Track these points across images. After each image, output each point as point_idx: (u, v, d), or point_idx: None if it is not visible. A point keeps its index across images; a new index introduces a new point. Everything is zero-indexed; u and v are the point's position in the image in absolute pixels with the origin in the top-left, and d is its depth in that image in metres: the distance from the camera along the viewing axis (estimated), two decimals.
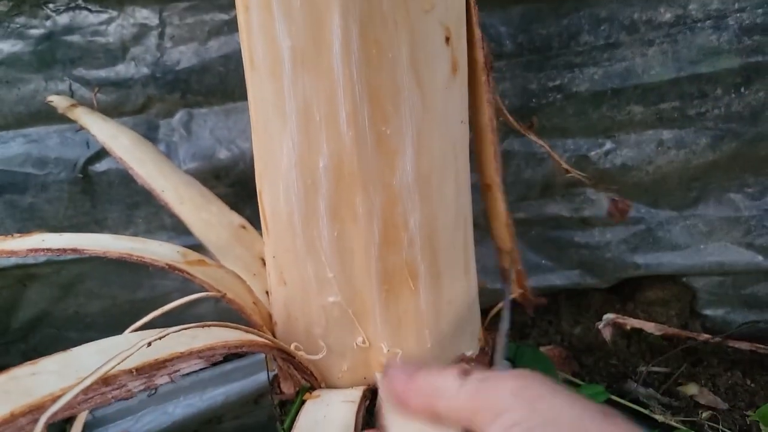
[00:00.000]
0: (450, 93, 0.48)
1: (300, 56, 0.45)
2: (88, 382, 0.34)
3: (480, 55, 0.50)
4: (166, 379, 0.41)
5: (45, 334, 0.84)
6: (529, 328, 0.85)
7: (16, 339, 0.85)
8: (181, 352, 0.42)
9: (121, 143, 0.62)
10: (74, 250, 0.52)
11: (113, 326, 0.83)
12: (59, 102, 0.64)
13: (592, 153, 0.70)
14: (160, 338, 0.39)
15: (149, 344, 0.38)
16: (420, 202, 0.49)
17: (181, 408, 0.72)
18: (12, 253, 0.52)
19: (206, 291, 0.55)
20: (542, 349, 0.78)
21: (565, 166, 0.64)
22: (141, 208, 0.75)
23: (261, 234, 0.65)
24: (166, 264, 0.53)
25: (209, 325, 0.44)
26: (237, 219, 0.63)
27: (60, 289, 0.79)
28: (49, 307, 0.81)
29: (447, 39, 0.46)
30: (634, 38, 0.66)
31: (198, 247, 0.61)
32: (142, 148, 0.63)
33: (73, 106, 0.64)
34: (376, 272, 0.50)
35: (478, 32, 0.49)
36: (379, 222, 0.49)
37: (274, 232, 0.53)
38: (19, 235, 0.54)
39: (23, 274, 0.78)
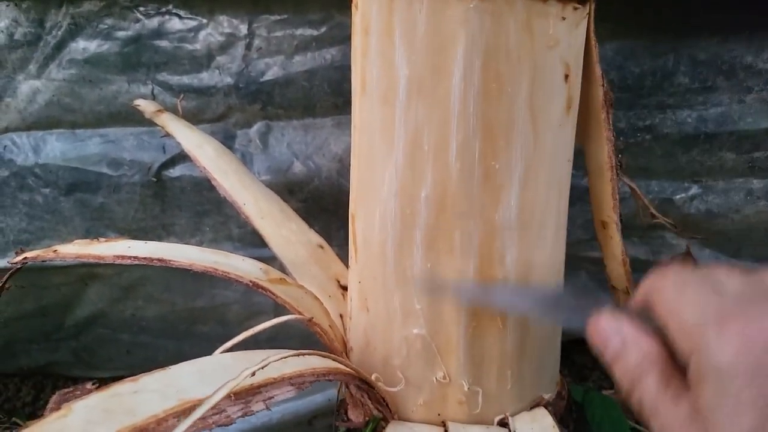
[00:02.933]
0: (562, 131, 0.47)
1: (417, 85, 0.44)
2: (200, 413, 0.33)
3: (599, 93, 0.49)
4: (261, 405, 0.40)
5: (97, 334, 0.84)
6: (588, 370, 0.83)
7: (68, 336, 0.84)
8: (274, 378, 0.41)
9: (205, 153, 0.61)
10: (161, 260, 0.51)
11: (168, 332, 0.83)
12: (146, 106, 0.64)
13: (677, 197, 0.69)
14: (262, 367, 0.38)
15: (253, 374, 0.37)
16: (519, 239, 0.48)
17: (236, 424, 0.70)
18: (99, 258, 0.51)
19: (284, 308, 0.54)
20: (605, 392, 0.76)
21: (651, 210, 0.62)
22: (209, 217, 0.75)
23: (337, 254, 0.64)
24: (251, 281, 0.52)
25: (302, 353, 0.43)
26: (315, 238, 0.62)
27: (120, 291, 0.79)
28: (107, 308, 0.81)
29: (566, 76, 0.45)
30: (732, 83, 0.64)
31: (264, 260, 0.60)
32: (226, 159, 0.62)
33: (159, 111, 0.64)
34: (465, 308, 0.49)
35: (598, 70, 0.48)
36: (476, 256, 0.47)
37: (364, 257, 0.52)
38: (104, 239, 0.53)
39: (87, 272, 0.78)
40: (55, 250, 0.52)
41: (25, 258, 0.52)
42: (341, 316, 0.60)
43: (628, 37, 0.66)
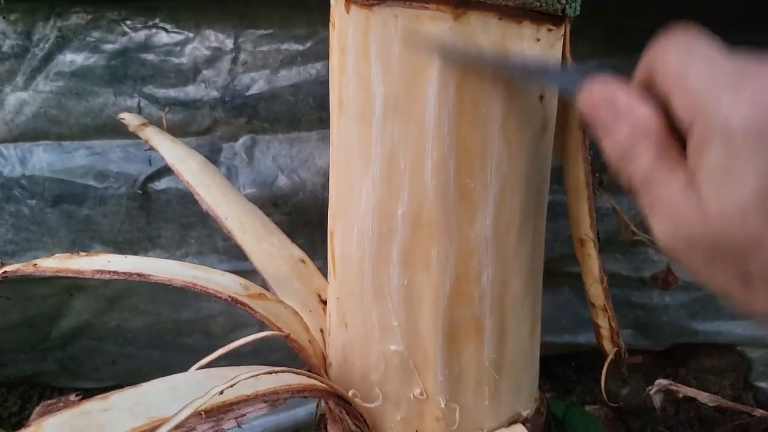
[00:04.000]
0: (537, 150, 0.47)
1: (392, 104, 0.44)
2: (165, 431, 0.33)
3: (576, 113, 0.49)
4: (233, 423, 0.40)
5: (84, 345, 0.84)
6: (573, 383, 0.83)
7: (54, 347, 0.84)
8: (247, 395, 0.41)
9: (189, 167, 0.62)
10: (140, 275, 0.51)
11: (153, 343, 0.83)
12: (130, 120, 0.64)
13: None
14: (231, 386, 0.38)
15: (221, 392, 0.37)
16: (495, 258, 0.48)
17: None
18: (78, 272, 0.52)
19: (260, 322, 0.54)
20: (588, 408, 0.76)
21: (632, 227, 0.62)
22: (195, 229, 0.75)
23: (318, 268, 0.64)
24: (229, 296, 0.52)
25: (275, 371, 0.43)
26: (297, 252, 0.62)
27: (106, 302, 0.79)
28: (92, 319, 0.81)
29: (541, 97, 0.45)
30: None
31: (249, 273, 0.61)
32: (209, 173, 0.62)
33: (143, 125, 0.64)
34: (442, 324, 0.49)
35: None
36: (452, 274, 0.48)
37: (342, 274, 0.52)
38: (85, 253, 0.53)
39: (71, 284, 0.78)
40: (35, 265, 0.52)
41: (5, 272, 0.52)
42: (321, 330, 0.60)
43: (609, 55, 0.67)
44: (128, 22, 0.70)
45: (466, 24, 0.42)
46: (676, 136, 0.30)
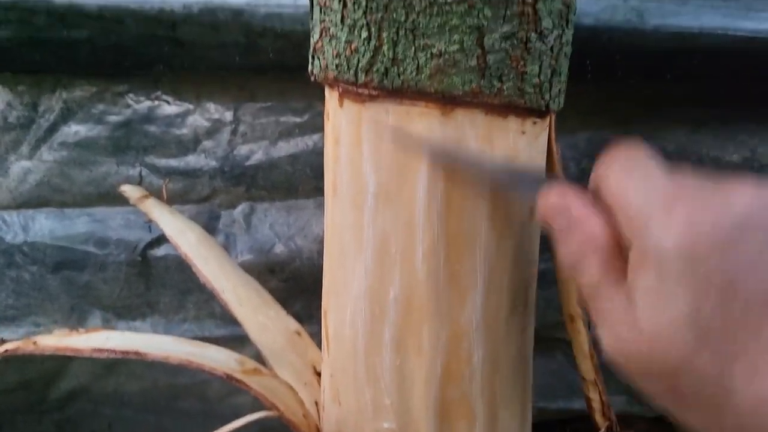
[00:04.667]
0: (525, 234, 0.49)
1: (384, 193, 0.46)
2: None
3: None
4: None
5: (80, 408, 0.84)
6: None
7: (51, 409, 0.85)
8: None
9: (187, 239, 0.63)
10: (137, 354, 0.52)
11: (149, 407, 0.83)
12: (131, 192, 0.66)
13: None
14: None
15: None
16: (486, 339, 0.49)
17: None
18: (76, 351, 0.52)
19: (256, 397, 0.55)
20: None
21: None
22: (193, 295, 0.76)
23: (315, 334, 0.65)
24: (224, 373, 0.53)
25: None
26: (293, 324, 0.63)
27: (103, 367, 0.80)
28: (90, 383, 0.81)
29: None
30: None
31: (245, 338, 0.62)
32: (207, 246, 0.64)
33: (144, 197, 0.66)
34: (434, 404, 0.49)
35: (560, 177, 0.50)
36: (443, 355, 0.48)
37: (335, 352, 0.53)
38: (84, 330, 0.54)
39: None
40: (35, 343, 0.53)
41: (6, 350, 0.53)
42: (316, 403, 0.60)
43: (600, 127, 0.69)
44: (132, 95, 0.72)
45: (453, 119, 0.43)
46: (623, 250, 0.31)
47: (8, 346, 0.53)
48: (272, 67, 0.64)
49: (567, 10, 0.43)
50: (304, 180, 0.73)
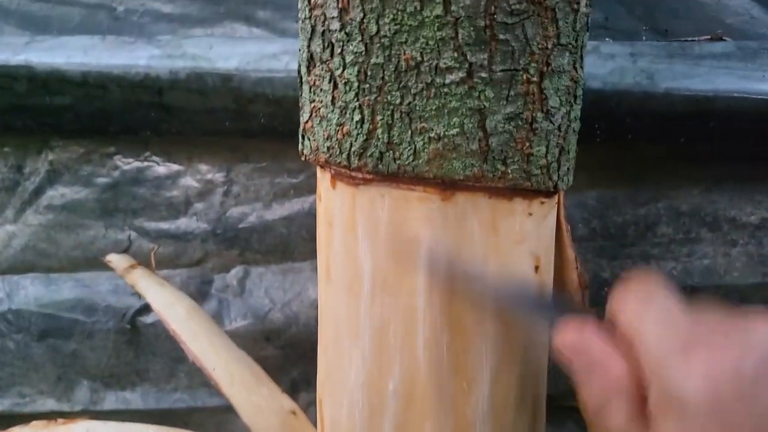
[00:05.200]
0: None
1: (381, 279, 0.42)
2: None
3: (574, 276, 0.47)
4: None
5: None
6: None
7: None
8: None
9: (176, 313, 0.60)
10: None
11: None
12: (118, 262, 0.63)
13: None
14: None
15: None
16: (492, 430, 0.45)
17: None
18: None
19: None
20: None
21: None
22: (184, 363, 0.72)
23: (311, 402, 0.62)
24: None
25: None
26: (287, 403, 0.60)
27: None
28: None
29: (536, 268, 0.44)
30: (717, 236, 0.63)
31: None
32: (197, 320, 0.60)
33: (131, 267, 0.62)
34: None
35: (571, 253, 0.47)
36: None
37: None
38: (63, 421, 0.51)
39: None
40: None
41: None
42: None
43: (609, 186, 0.65)
44: (120, 156, 0.70)
45: (454, 204, 0.40)
46: (645, 388, 0.29)
47: None
48: (263, 132, 0.61)
49: (575, 85, 0.40)
50: (300, 242, 0.70)
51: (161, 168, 0.70)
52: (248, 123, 0.61)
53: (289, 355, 0.72)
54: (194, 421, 0.73)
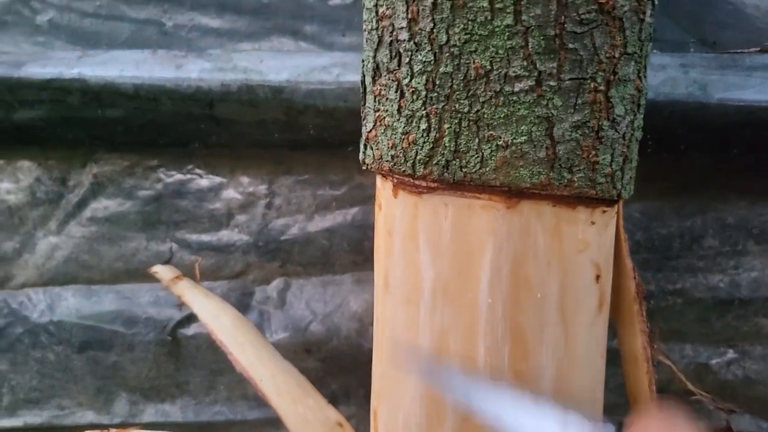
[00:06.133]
0: (593, 329, 0.45)
1: (442, 288, 0.42)
2: None
3: (632, 286, 0.47)
4: None
5: None
6: None
7: None
8: None
9: (222, 324, 0.60)
10: None
11: None
12: (163, 273, 0.63)
13: (713, 362, 0.65)
14: None
15: None
16: None
17: None
18: None
19: None
20: None
21: (686, 383, 0.59)
22: (224, 375, 0.72)
23: (352, 415, 0.61)
24: None
25: None
26: (333, 415, 0.59)
27: None
28: None
29: (597, 277, 0.43)
30: (764, 248, 0.62)
31: (279, 420, 0.58)
32: (243, 331, 0.60)
33: (177, 278, 0.63)
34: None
35: (629, 263, 0.47)
36: None
37: None
38: (115, 430, 0.51)
39: None
40: None
41: None
42: None
43: (654, 198, 0.65)
44: (163, 169, 0.70)
45: (518, 212, 0.40)
46: None
47: None
48: (312, 143, 0.62)
49: (639, 94, 0.40)
50: (341, 255, 0.70)
51: (204, 180, 0.70)
52: (297, 134, 0.61)
53: (329, 368, 0.71)
54: None
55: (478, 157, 0.39)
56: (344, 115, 0.58)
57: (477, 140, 0.38)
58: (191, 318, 0.72)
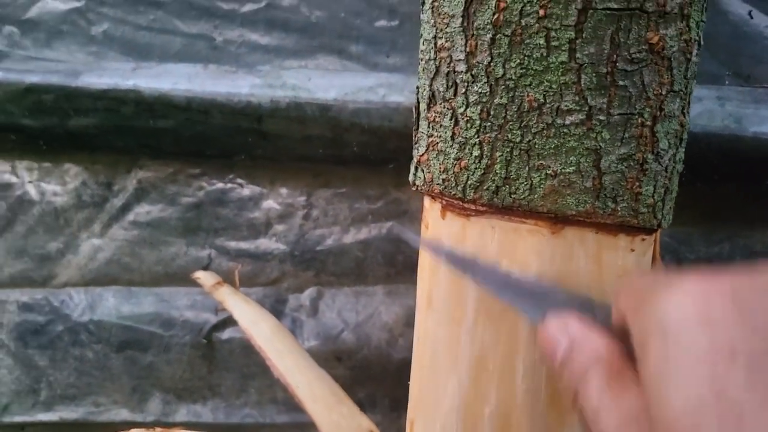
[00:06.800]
0: None
1: (486, 307, 0.44)
2: None
3: None
4: None
5: None
6: None
7: None
8: None
9: (261, 330, 0.62)
10: None
11: None
12: (205, 279, 0.65)
13: None
14: None
15: None
16: None
17: None
18: None
19: None
20: None
21: None
22: (255, 379, 0.75)
23: (377, 423, 0.63)
24: None
25: None
26: (365, 423, 0.61)
27: None
28: None
29: None
30: None
31: (307, 425, 0.60)
32: (281, 338, 0.62)
33: (218, 284, 0.65)
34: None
35: None
36: None
37: None
38: (161, 429, 0.53)
39: (128, 430, 0.77)
40: None
41: None
42: None
43: (683, 223, 0.67)
44: (206, 177, 0.73)
45: (563, 238, 0.42)
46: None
47: None
48: (353, 159, 0.64)
49: (682, 129, 0.42)
50: (374, 267, 0.72)
51: (245, 190, 0.73)
52: (341, 150, 0.63)
53: (357, 376, 0.73)
54: None
55: (527, 184, 0.41)
56: (387, 133, 0.61)
57: (527, 168, 0.40)
58: (226, 322, 0.74)
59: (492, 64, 0.39)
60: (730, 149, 0.55)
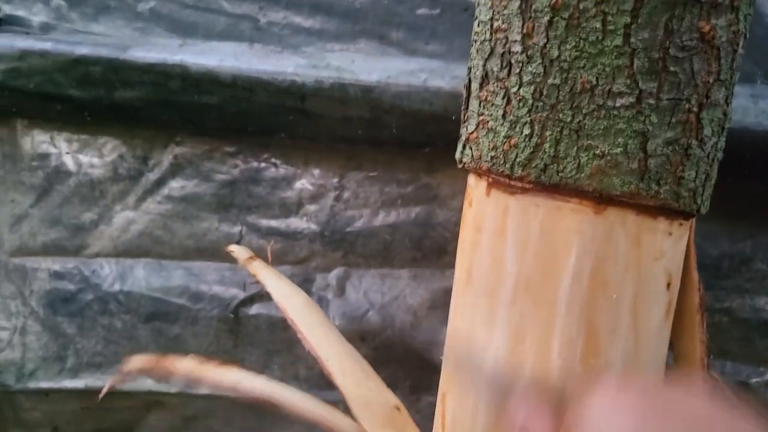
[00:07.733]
0: (660, 334, 0.48)
1: (524, 284, 0.46)
2: None
3: (696, 297, 0.50)
4: None
5: None
6: None
7: None
8: None
9: (293, 305, 0.63)
10: (273, 404, 0.53)
11: None
12: (239, 253, 0.67)
13: (753, 380, 0.68)
14: None
15: None
16: None
17: None
18: (214, 385, 0.54)
19: None
20: None
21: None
22: (280, 356, 0.76)
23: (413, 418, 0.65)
24: None
25: None
26: (392, 399, 0.63)
27: (182, 420, 0.79)
28: None
29: (668, 285, 0.47)
30: None
31: (329, 403, 0.61)
32: (312, 312, 0.64)
33: (251, 258, 0.67)
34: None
35: (696, 275, 0.50)
36: None
37: None
38: (216, 363, 0.55)
39: (152, 400, 0.78)
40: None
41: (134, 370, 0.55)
42: None
43: (707, 220, 0.68)
44: (241, 156, 0.74)
45: (605, 217, 0.44)
46: None
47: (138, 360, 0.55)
48: (390, 141, 0.66)
49: (724, 118, 0.44)
50: (402, 250, 0.74)
51: (279, 170, 0.74)
52: (379, 132, 0.65)
53: (380, 357, 0.75)
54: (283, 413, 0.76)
55: (575, 163, 0.42)
56: (427, 117, 0.62)
57: (576, 148, 0.42)
58: (254, 298, 0.76)
59: (548, 45, 0.41)
60: (762, 145, 0.56)
